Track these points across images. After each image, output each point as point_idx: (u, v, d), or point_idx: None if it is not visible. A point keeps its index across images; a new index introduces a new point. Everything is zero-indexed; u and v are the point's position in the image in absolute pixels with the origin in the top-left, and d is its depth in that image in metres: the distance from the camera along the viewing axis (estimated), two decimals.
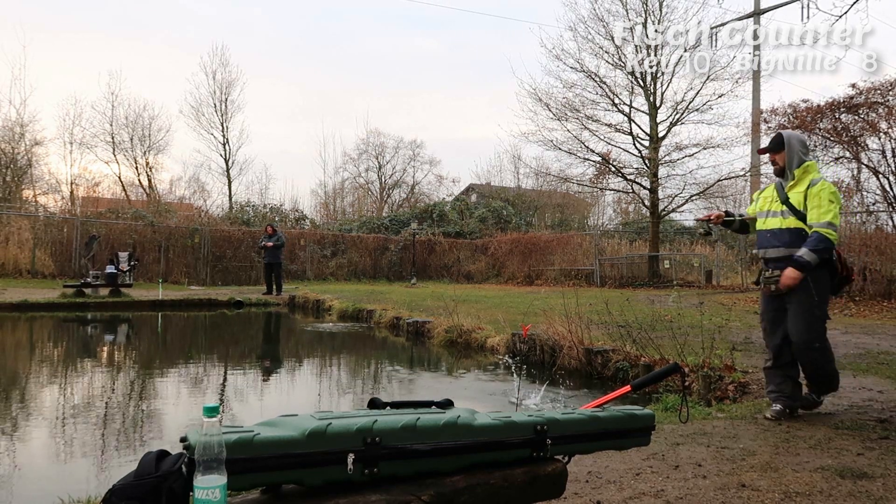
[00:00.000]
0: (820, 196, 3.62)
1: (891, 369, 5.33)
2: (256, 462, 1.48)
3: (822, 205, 3.60)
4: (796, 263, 3.56)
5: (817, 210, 3.60)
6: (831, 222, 3.56)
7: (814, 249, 3.54)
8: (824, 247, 3.54)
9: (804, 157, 3.80)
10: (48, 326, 10.73)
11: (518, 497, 1.77)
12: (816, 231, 3.56)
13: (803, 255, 3.55)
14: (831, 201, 3.60)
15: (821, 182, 3.68)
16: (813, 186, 3.67)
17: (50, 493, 3.02)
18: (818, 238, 3.55)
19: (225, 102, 28.86)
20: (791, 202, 3.73)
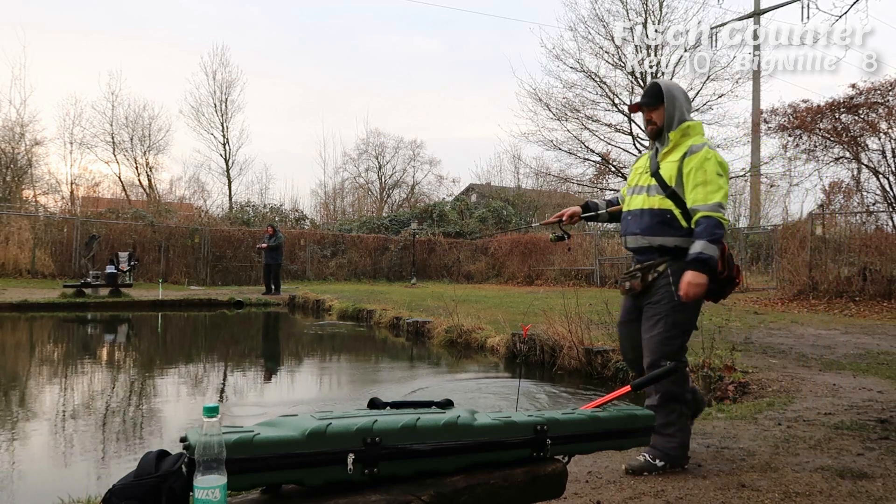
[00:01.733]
0: (705, 168, 2.68)
1: (891, 369, 5.33)
2: (256, 462, 1.48)
3: (710, 180, 2.67)
4: (697, 263, 2.57)
5: (703, 188, 2.66)
6: (721, 203, 2.65)
7: (712, 239, 2.59)
8: (721, 234, 2.62)
9: (686, 116, 2.88)
10: (48, 326, 10.73)
11: (518, 497, 1.77)
12: (707, 216, 2.61)
13: (704, 251, 2.57)
14: (720, 174, 2.69)
15: (703, 150, 2.73)
16: (692, 155, 2.73)
17: (50, 493, 3.02)
18: (714, 224, 2.60)
19: (225, 102, 28.90)
20: (661, 174, 2.81)
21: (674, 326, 2.72)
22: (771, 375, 5.03)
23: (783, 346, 6.66)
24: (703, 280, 2.58)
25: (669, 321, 2.72)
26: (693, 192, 2.68)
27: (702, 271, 2.57)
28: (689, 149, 2.75)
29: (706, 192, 2.65)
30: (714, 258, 2.58)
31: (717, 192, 2.64)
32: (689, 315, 2.76)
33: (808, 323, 8.93)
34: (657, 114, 2.88)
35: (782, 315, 10.16)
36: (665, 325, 2.72)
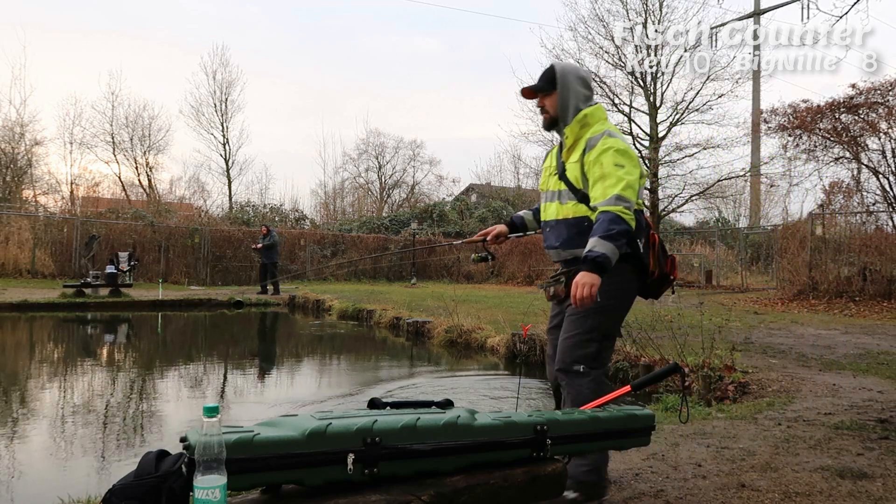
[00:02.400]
0: (601, 162, 2.38)
1: (891, 369, 5.33)
2: (256, 462, 1.48)
3: (608, 173, 2.35)
4: (588, 263, 2.26)
5: (602, 184, 2.36)
6: (621, 196, 2.30)
7: (606, 236, 2.25)
8: (620, 229, 2.26)
9: (582, 104, 2.53)
10: (48, 326, 10.73)
11: (518, 497, 1.77)
12: (603, 211, 2.31)
13: (595, 248, 2.26)
14: (618, 164, 2.36)
15: (600, 141, 2.41)
16: (590, 151, 2.43)
17: (50, 493, 3.02)
18: (609, 218, 2.28)
19: (225, 102, 28.87)
20: (567, 177, 2.50)
21: (592, 329, 2.41)
22: (771, 375, 5.03)
23: (783, 346, 6.67)
24: (593, 280, 2.23)
25: (588, 323, 2.41)
26: (593, 191, 2.39)
27: (592, 271, 2.24)
28: (588, 143, 2.45)
29: (604, 188, 2.34)
30: (605, 255, 2.24)
31: (617, 184, 2.32)
32: (611, 319, 2.43)
33: (808, 323, 8.93)
34: (550, 101, 2.58)
35: (782, 315, 10.16)
36: (582, 327, 2.42)
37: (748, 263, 20.21)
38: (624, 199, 2.31)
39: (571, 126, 2.52)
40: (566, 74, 2.56)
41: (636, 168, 2.40)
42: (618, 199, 2.30)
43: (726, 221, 29.06)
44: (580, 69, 2.69)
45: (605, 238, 2.25)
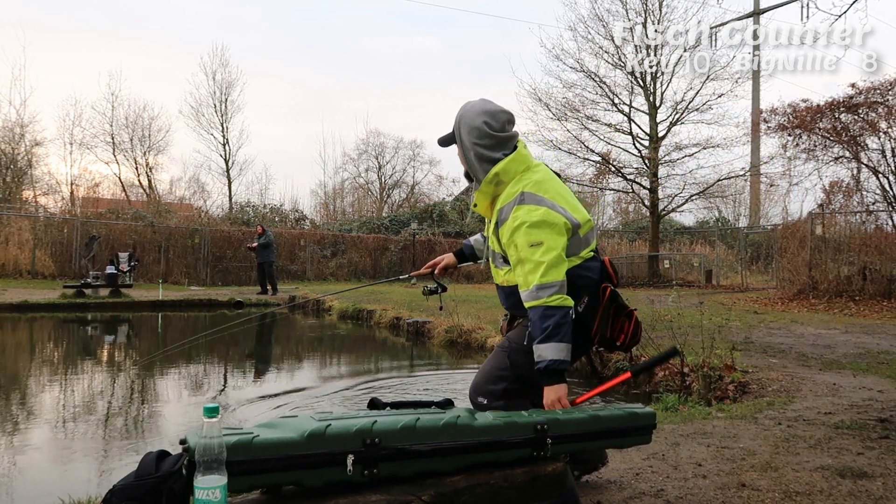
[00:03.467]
0: (515, 243, 2.10)
1: (891, 369, 5.33)
2: (256, 464, 1.48)
3: (523, 258, 2.08)
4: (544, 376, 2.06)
5: (521, 270, 2.10)
6: (542, 284, 2.03)
7: (544, 338, 2.02)
8: (555, 322, 2.02)
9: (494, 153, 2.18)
10: (48, 327, 10.73)
11: (518, 497, 1.77)
12: (531, 308, 2.07)
13: (542, 357, 2.03)
14: (534, 245, 2.06)
15: (510, 216, 2.12)
16: (502, 227, 2.15)
17: (50, 494, 3.02)
18: (539, 316, 2.04)
19: (225, 103, 28.84)
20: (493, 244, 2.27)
21: (506, 367, 2.23)
22: (771, 375, 5.03)
23: (783, 345, 6.67)
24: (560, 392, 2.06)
25: (505, 359, 2.24)
26: (516, 276, 2.13)
27: (553, 382, 2.05)
28: (500, 215, 2.16)
29: (524, 275, 2.08)
30: (554, 360, 2.01)
31: (535, 270, 2.04)
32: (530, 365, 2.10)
33: (807, 322, 8.93)
34: (460, 154, 2.27)
35: (782, 314, 10.17)
36: (498, 361, 2.26)
37: (748, 263, 20.23)
38: (546, 287, 2.03)
39: (481, 189, 2.21)
40: (461, 127, 2.21)
41: (559, 235, 2.08)
42: (539, 289, 2.04)
43: (726, 221, 29.08)
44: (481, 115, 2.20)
45: (545, 340, 2.03)
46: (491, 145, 2.17)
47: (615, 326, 2.18)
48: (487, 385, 2.24)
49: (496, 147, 2.18)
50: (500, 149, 2.19)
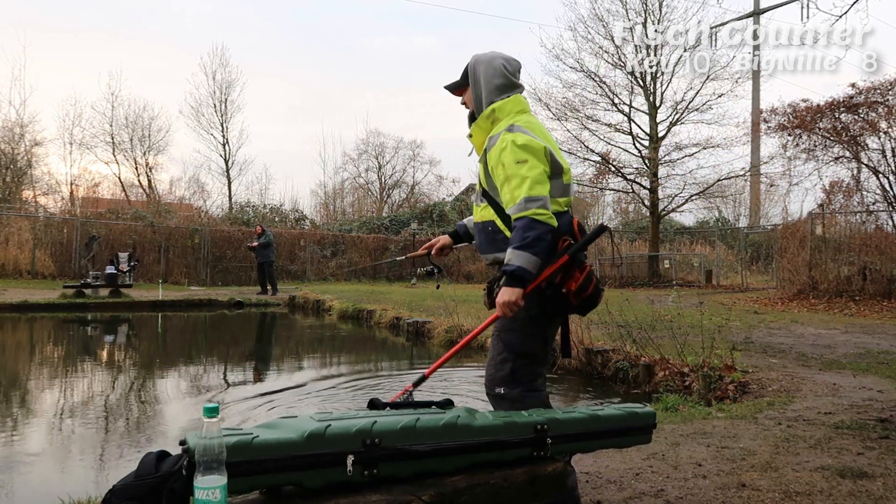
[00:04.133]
0: (503, 162, 2.19)
1: (891, 369, 5.33)
2: (255, 465, 1.48)
3: (511, 174, 2.17)
4: (506, 277, 2.14)
5: (508, 186, 2.18)
6: (530, 196, 2.11)
7: (521, 245, 2.10)
8: (536, 234, 2.09)
9: (494, 97, 2.34)
10: (48, 327, 10.73)
11: (518, 497, 1.77)
12: (518, 218, 2.13)
13: (511, 261, 2.12)
14: (520, 161, 2.16)
15: (500, 138, 2.23)
16: (491, 150, 2.26)
17: (50, 493, 3.02)
18: (523, 225, 2.11)
19: (225, 103, 28.85)
20: (479, 177, 2.38)
21: (504, 349, 2.30)
22: (771, 375, 5.03)
23: (783, 345, 6.67)
24: (513, 296, 2.11)
25: (499, 343, 2.32)
26: (503, 195, 2.21)
27: (510, 285, 2.11)
28: (489, 141, 2.29)
29: (511, 190, 2.16)
30: (521, 266, 2.09)
31: (522, 184, 2.13)
32: (521, 336, 2.26)
33: (808, 322, 8.93)
34: (467, 96, 2.42)
35: (782, 314, 10.17)
36: (496, 348, 2.33)
37: (748, 263, 20.23)
38: (534, 199, 2.11)
39: (478, 123, 2.35)
40: (477, 65, 2.37)
41: (542, 160, 2.19)
42: (528, 200, 2.11)
43: (726, 221, 29.08)
44: (498, 57, 2.38)
45: (520, 248, 2.09)
46: (501, 85, 2.33)
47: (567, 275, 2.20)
48: (497, 374, 2.30)
49: (505, 88, 2.34)
50: (508, 91, 2.35)
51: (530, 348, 2.28)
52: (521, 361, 2.27)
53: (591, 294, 2.24)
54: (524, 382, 2.27)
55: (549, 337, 2.37)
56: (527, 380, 2.27)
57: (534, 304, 2.23)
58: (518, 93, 2.38)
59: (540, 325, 2.30)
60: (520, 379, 2.26)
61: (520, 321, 2.25)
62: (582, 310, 2.31)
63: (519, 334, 2.27)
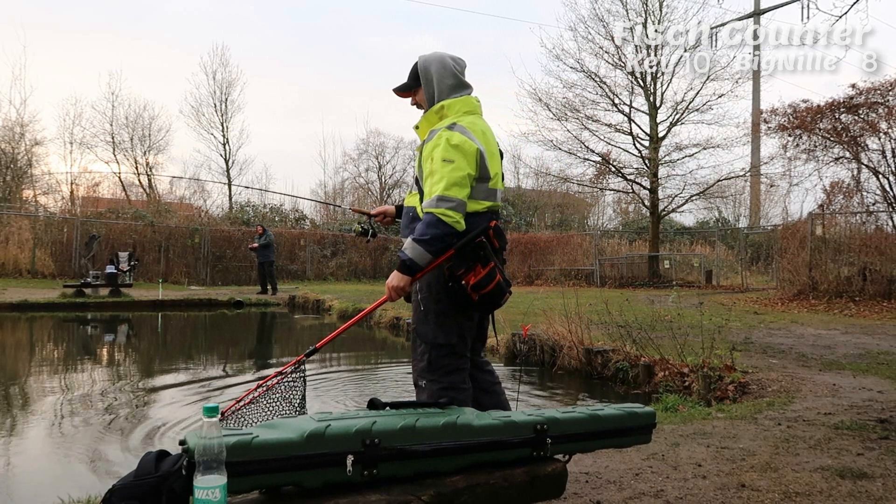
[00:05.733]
0: (432, 157, 2.28)
1: (891, 369, 5.33)
2: (255, 465, 1.48)
3: (435, 169, 2.25)
4: (398, 262, 2.28)
5: (429, 181, 2.27)
6: (444, 196, 2.20)
7: (419, 239, 2.21)
8: (435, 234, 2.19)
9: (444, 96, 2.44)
10: (48, 326, 10.73)
11: (518, 497, 1.77)
12: (426, 212, 2.24)
13: (405, 250, 2.25)
14: (448, 160, 2.23)
15: (438, 134, 2.31)
16: (427, 144, 2.36)
17: (50, 493, 3.02)
18: (427, 221, 2.21)
19: (225, 102, 28.81)
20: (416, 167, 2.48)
21: (421, 342, 2.38)
22: (771, 375, 5.03)
23: (783, 345, 6.67)
24: (401, 282, 2.25)
25: (416, 337, 2.41)
26: (425, 187, 2.31)
27: (401, 272, 2.24)
28: (429, 135, 2.37)
29: (430, 185, 2.26)
30: (413, 260, 2.21)
31: (440, 181, 2.21)
32: (434, 328, 2.34)
33: (808, 323, 8.94)
34: (420, 97, 2.50)
35: (782, 315, 10.17)
36: (414, 342, 2.43)
37: (748, 263, 20.21)
38: (447, 199, 2.20)
39: (427, 116, 2.44)
40: (426, 66, 2.45)
41: (469, 164, 2.25)
42: (440, 199, 2.20)
43: (726, 221, 29.07)
44: (447, 57, 2.48)
45: (418, 241, 2.21)
46: (454, 84, 2.44)
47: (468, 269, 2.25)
48: (417, 365, 2.40)
49: (456, 88, 2.44)
50: (459, 91, 2.45)
51: (443, 339, 2.34)
52: (437, 352, 2.35)
53: (490, 291, 2.27)
54: (444, 373, 2.34)
55: (466, 329, 2.40)
56: (444, 371, 2.35)
57: (442, 297, 2.32)
58: (468, 93, 2.47)
59: (451, 317, 2.35)
60: (436, 369, 2.34)
61: (432, 313, 2.35)
62: (483, 307, 2.33)
63: (432, 326, 2.35)
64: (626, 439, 2.11)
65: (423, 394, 2.35)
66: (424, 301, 2.36)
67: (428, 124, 2.44)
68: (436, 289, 2.33)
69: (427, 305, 2.35)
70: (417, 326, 2.40)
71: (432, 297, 2.35)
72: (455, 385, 2.36)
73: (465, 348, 2.42)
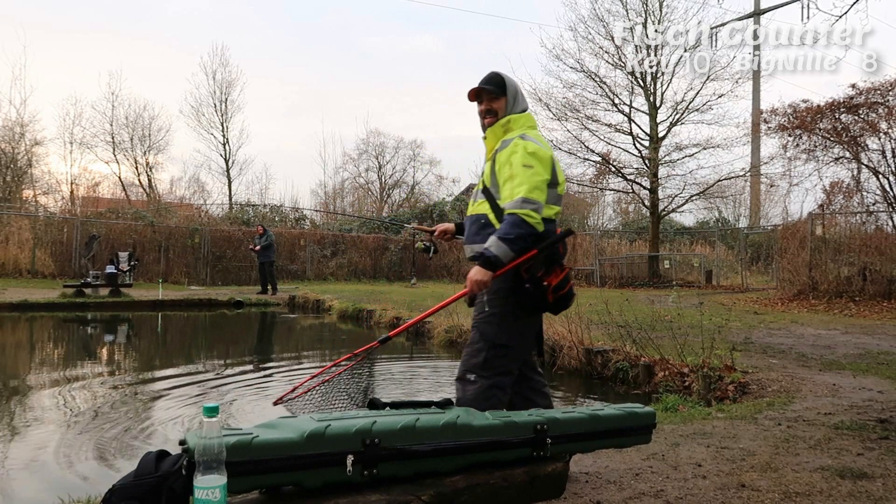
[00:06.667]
0: (511, 162, 2.42)
1: (891, 369, 5.33)
2: (255, 465, 1.48)
3: (516, 173, 2.38)
4: (481, 259, 2.36)
5: (510, 184, 2.40)
6: (528, 198, 2.33)
7: (504, 238, 2.32)
8: (519, 233, 2.31)
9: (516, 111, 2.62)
10: (48, 326, 10.73)
11: (518, 497, 1.77)
12: (509, 214, 2.36)
13: (490, 248, 2.34)
14: (528, 165, 2.38)
15: (512, 142, 2.46)
16: (501, 151, 2.49)
17: (50, 493, 3.02)
18: (512, 222, 2.33)
19: (225, 102, 28.82)
20: (483, 176, 2.61)
21: (480, 339, 2.47)
22: (771, 375, 5.03)
23: (783, 345, 6.67)
24: (484, 277, 2.34)
25: (477, 332, 2.50)
26: (502, 191, 2.44)
27: (484, 268, 2.34)
28: (501, 144, 2.52)
29: (511, 188, 2.39)
30: (498, 257, 2.32)
31: (522, 185, 2.35)
32: (497, 329, 2.44)
33: (808, 323, 8.93)
34: (499, 104, 2.62)
35: (782, 315, 10.17)
36: (473, 337, 2.51)
37: (748, 263, 20.22)
38: (530, 202, 2.34)
39: (494, 129, 2.59)
40: (514, 85, 2.66)
41: (546, 170, 2.42)
42: (524, 201, 2.34)
43: (726, 221, 29.07)
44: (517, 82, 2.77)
45: (503, 240, 2.32)
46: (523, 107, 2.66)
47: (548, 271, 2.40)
48: (470, 360, 2.46)
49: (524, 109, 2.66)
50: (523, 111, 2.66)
51: (504, 340, 2.44)
52: (495, 352, 2.43)
53: (565, 294, 2.45)
54: (497, 372, 2.43)
55: (526, 334, 2.52)
56: (497, 372, 2.43)
57: (510, 299, 2.43)
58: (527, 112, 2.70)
59: (517, 319, 2.46)
60: (491, 368, 2.43)
61: (497, 314, 2.45)
62: (555, 308, 2.47)
63: (495, 327, 2.44)
64: (627, 439, 2.11)
65: (469, 387, 2.43)
66: (491, 302, 2.45)
67: (495, 137, 2.59)
68: (504, 291, 2.42)
69: (493, 306, 2.45)
70: (480, 324, 2.49)
71: (499, 298, 2.44)
72: (502, 385, 2.45)
73: (522, 353, 2.54)
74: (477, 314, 2.52)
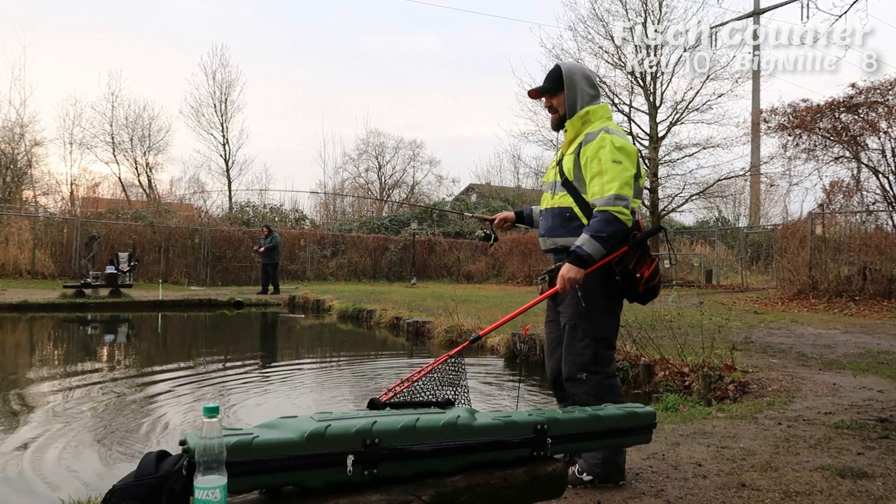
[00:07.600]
0: (599, 157, 2.43)
1: (891, 369, 5.33)
2: (255, 465, 1.48)
3: (605, 169, 2.40)
4: (572, 256, 2.39)
5: (599, 180, 2.41)
6: (620, 195, 2.37)
7: (596, 235, 2.36)
8: (612, 231, 2.36)
9: (587, 102, 2.61)
10: (48, 327, 10.73)
11: (518, 497, 1.77)
12: (600, 210, 2.38)
13: (582, 245, 2.37)
14: (617, 161, 2.41)
15: (599, 136, 2.47)
16: (587, 144, 2.49)
17: (50, 494, 3.03)
18: (604, 219, 2.36)
19: (225, 103, 28.84)
20: (562, 167, 2.60)
21: (584, 336, 2.51)
22: (771, 375, 5.03)
23: (783, 345, 6.67)
24: (577, 274, 2.38)
25: (578, 331, 2.53)
26: (591, 186, 2.46)
27: (576, 265, 2.37)
28: (585, 137, 2.52)
29: (602, 184, 2.41)
30: (590, 255, 2.36)
31: (613, 181, 2.38)
32: (598, 323, 2.52)
33: (808, 322, 8.94)
34: (558, 100, 2.64)
35: (782, 314, 10.17)
36: (575, 336, 2.54)
37: (748, 263, 20.21)
38: (622, 198, 2.37)
39: (573, 121, 2.60)
40: (572, 74, 2.62)
41: (633, 164, 2.45)
42: (616, 198, 2.37)
43: (726, 221, 29.07)
44: (585, 68, 2.73)
45: (596, 238, 2.36)
46: (592, 95, 2.63)
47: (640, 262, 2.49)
48: (579, 359, 2.52)
49: (595, 97, 2.64)
50: (596, 100, 2.65)
51: (606, 333, 2.56)
52: (600, 346, 2.53)
53: (656, 284, 2.56)
54: (605, 366, 2.53)
55: (617, 324, 2.63)
56: (606, 363, 2.54)
57: (605, 293, 2.50)
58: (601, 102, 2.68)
59: (609, 313, 2.56)
60: (600, 361, 2.52)
61: (593, 310, 2.50)
62: (644, 298, 2.56)
63: (596, 322, 2.52)
64: (627, 439, 2.11)
65: (583, 386, 2.49)
66: (586, 298, 2.46)
67: (574, 130, 2.60)
68: (598, 286, 2.47)
69: (589, 302, 2.47)
70: (579, 322, 2.52)
71: (594, 293, 2.48)
72: (613, 374, 2.58)
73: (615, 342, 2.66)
74: (572, 311, 2.53)
